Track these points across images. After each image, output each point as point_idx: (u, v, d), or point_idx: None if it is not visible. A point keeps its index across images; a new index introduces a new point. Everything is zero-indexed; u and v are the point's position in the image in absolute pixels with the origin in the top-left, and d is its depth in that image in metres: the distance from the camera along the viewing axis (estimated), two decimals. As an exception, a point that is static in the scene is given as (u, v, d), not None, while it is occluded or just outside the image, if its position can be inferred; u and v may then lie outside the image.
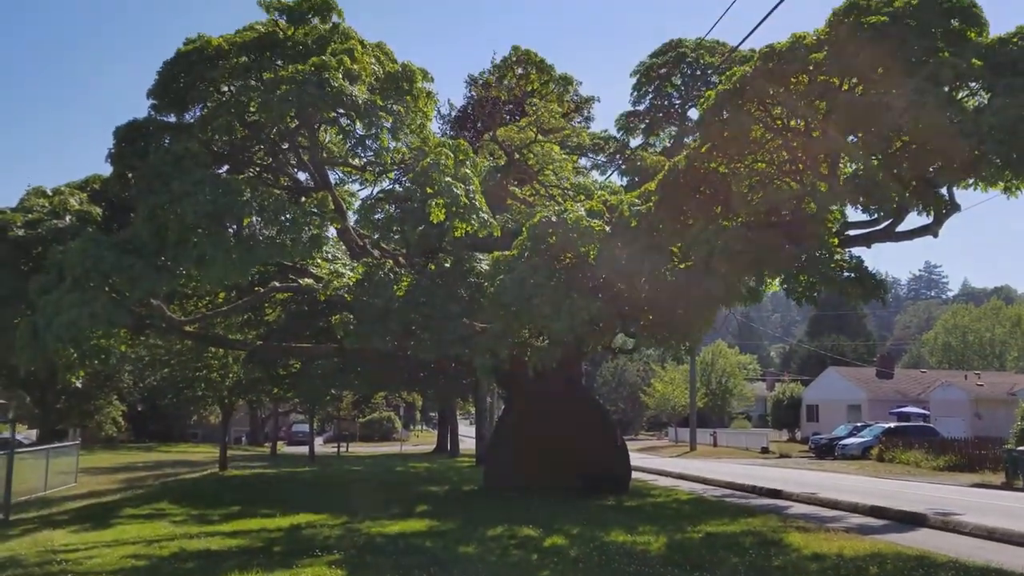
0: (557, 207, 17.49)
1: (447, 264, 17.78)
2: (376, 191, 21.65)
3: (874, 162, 13.16)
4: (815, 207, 13.78)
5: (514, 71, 25.32)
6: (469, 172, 17.37)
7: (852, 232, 15.65)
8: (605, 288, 15.44)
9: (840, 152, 13.98)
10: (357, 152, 18.70)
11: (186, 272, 15.46)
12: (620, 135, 29.70)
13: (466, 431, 63.59)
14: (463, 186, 16.60)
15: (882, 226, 15.07)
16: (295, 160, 19.68)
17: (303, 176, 20.08)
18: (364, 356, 25.46)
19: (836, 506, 18.13)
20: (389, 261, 17.98)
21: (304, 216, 15.51)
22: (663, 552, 11.37)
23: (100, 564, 11.07)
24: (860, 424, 42.43)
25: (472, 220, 16.61)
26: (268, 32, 17.65)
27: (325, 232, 16.21)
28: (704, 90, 21.60)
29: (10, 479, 17.25)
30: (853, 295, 14.98)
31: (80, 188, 19.51)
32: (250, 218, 15.19)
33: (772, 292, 17.47)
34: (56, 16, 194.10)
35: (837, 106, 12.96)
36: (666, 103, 29.29)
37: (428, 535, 13.10)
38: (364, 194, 23.81)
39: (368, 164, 19.48)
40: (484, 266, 17.47)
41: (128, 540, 13.27)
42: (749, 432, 55.20)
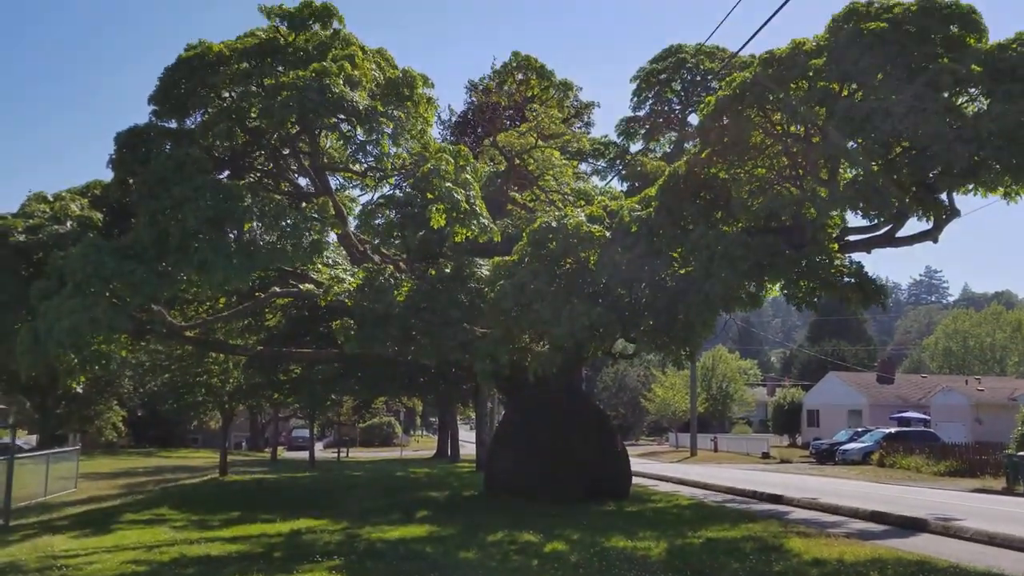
0: (557, 212, 17.53)
1: (447, 269, 17.80)
2: (377, 196, 21.61)
3: (874, 167, 13.17)
4: (815, 212, 13.81)
5: (514, 77, 25.36)
6: (469, 177, 17.42)
7: (852, 237, 15.65)
8: (605, 293, 15.43)
9: (840, 157, 14.02)
10: (358, 157, 18.73)
11: (187, 277, 15.47)
12: (620, 140, 29.81)
13: (466, 436, 63.47)
14: (463, 191, 16.65)
15: (882, 231, 15.06)
16: (296, 165, 19.72)
17: (304, 181, 20.10)
18: (365, 361, 25.53)
19: (837, 511, 18.10)
20: (390, 266, 17.98)
21: (305, 221, 15.53)
22: (664, 558, 11.37)
23: (100, 570, 11.06)
24: (861, 429, 42.35)
25: (472, 225, 16.65)
26: (269, 38, 17.70)
27: (326, 237, 16.19)
28: (704, 96, 21.69)
29: (10, 484, 17.27)
30: (853, 300, 15.00)
31: (81, 194, 19.51)
32: (251, 223, 15.19)
33: (772, 297, 17.46)
34: (57, 22, 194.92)
35: (837, 111, 12.99)
36: (666, 108, 29.43)
37: (428, 540, 13.08)
38: (365, 199, 23.88)
39: (369, 169, 19.50)
40: (484, 271, 17.49)
41: (128, 546, 13.27)
42: (750, 437, 55.14)
